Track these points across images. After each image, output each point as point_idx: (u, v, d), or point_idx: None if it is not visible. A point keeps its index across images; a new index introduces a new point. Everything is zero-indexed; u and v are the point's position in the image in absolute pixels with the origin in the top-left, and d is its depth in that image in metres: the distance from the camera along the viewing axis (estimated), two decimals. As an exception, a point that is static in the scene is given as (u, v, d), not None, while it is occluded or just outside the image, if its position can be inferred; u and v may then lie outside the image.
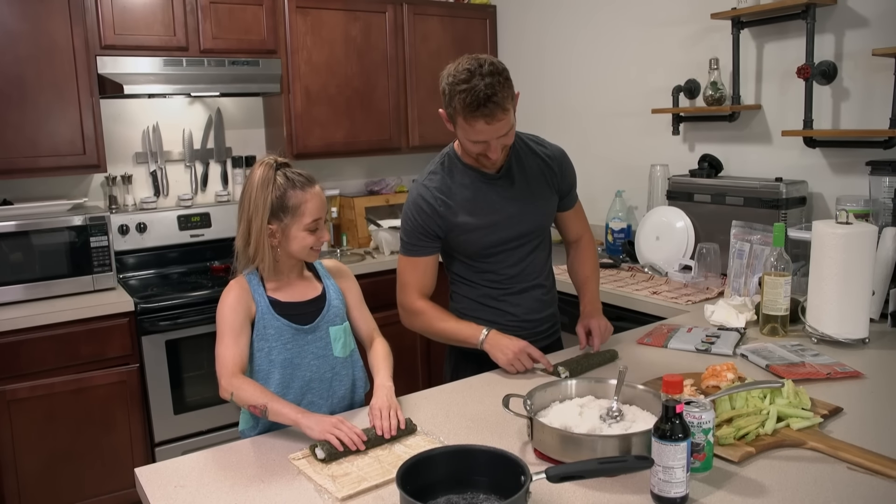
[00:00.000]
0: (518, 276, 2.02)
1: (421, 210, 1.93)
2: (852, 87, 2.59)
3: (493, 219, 1.95)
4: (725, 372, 1.68)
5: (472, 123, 1.75)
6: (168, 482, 1.37)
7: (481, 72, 1.71)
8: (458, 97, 1.72)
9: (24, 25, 2.84)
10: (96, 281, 2.97)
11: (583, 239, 2.19)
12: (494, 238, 1.97)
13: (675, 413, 1.19)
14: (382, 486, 1.30)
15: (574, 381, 1.55)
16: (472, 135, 1.78)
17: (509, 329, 1.97)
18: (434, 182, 1.95)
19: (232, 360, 1.63)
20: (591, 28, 3.59)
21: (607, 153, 3.59)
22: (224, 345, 1.65)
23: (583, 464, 1.18)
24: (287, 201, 1.65)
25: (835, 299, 1.98)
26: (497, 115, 1.73)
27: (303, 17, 3.47)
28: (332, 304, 1.77)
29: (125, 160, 3.44)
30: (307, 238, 1.68)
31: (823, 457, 1.36)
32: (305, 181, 1.68)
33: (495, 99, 1.70)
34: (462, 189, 1.94)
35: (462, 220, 1.93)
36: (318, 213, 1.69)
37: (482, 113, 1.71)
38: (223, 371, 1.62)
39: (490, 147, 1.80)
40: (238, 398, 1.59)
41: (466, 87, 1.70)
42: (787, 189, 2.63)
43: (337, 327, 1.77)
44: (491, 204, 1.95)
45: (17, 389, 2.68)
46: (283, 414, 1.53)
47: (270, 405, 1.54)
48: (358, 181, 4.11)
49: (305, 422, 1.48)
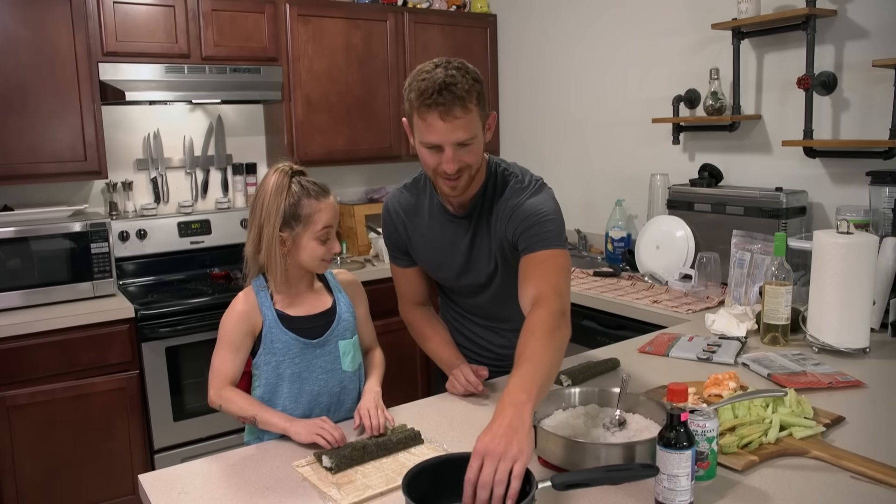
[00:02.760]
0: (482, 314, 1.92)
1: (386, 222, 1.89)
2: (852, 97, 2.61)
3: (444, 259, 1.83)
4: (727, 381, 1.68)
5: (425, 116, 1.51)
6: (172, 489, 1.37)
7: (447, 65, 1.53)
8: (415, 86, 1.53)
9: (27, 32, 2.84)
10: (96, 287, 2.97)
11: (539, 303, 1.51)
12: (445, 276, 1.88)
13: (679, 421, 1.19)
14: (387, 493, 1.30)
15: (577, 389, 1.55)
16: (426, 134, 1.54)
17: (482, 357, 1.94)
18: (402, 198, 1.86)
19: (224, 373, 1.65)
20: (592, 37, 3.61)
21: (607, 162, 3.60)
22: (220, 357, 1.66)
23: (589, 472, 1.18)
24: (300, 210, 1.62)
25: (836, 309, 1.99)
26: (454, 110, 1.50)
27: (304, 25, 3.49)
28: (342, 318, 1.74)
29: (126, 167, 3.44)
30: (318, 248, 1.65)
31: (827, 466, 1.36)
32: (320, 191, 1.66)
33: (454, 89, 1.49)
34: (427, 217, 1.82)
35: (416, 247, 1.86)
36: (330, 223, 1.66)
37: (436, 102, 1.49)
38: (214, 382, 1.65)
39: (446, 158, 1.55)
40: (227, 410, 1.62)
41: (426, 76, 1.52)
42: (787, 199, 2.64)
43: (346, 341, 1.75)
44: (446, 243, 1.81)
45: (16, 396, 2.67)
46: (272, 423, 1.56)
47: (259, 415, 1.58)
48: (358, 189, 4.12)
49: (293, 429, 1.52)
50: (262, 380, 1.69)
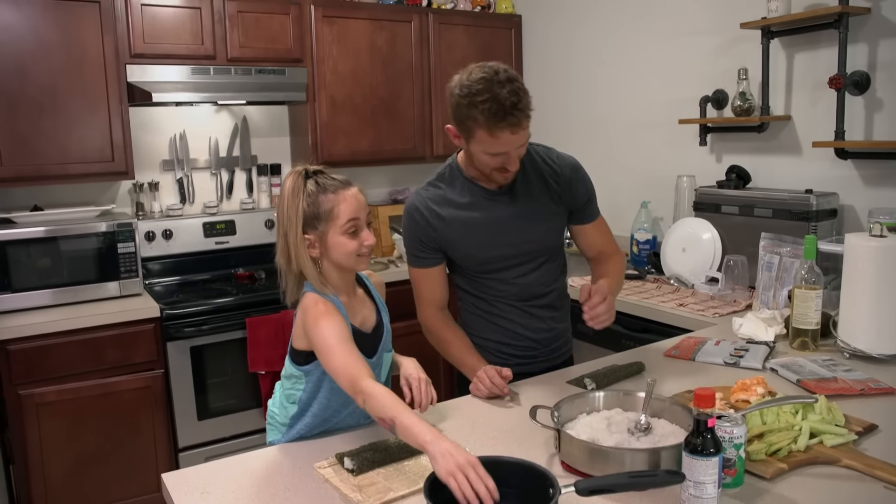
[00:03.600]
0: (521, 294, 1.95)
1: (415, 221, 1.90)
2: (886, 97, 2.55)
3: (491, 235, 1.88)
4: (755, 386, 1.65)
5: (497, 135, 1.67)
6: (194, 488, 1.37)
7: (498, 79, 1.65)
8: (480, 108, 1.64)
9: (58, 35, 2.89)
10: (123, 287, 3.01)
11: (606, 255, 2.03)
12: (491, 255, 1.91)
13: (706, 427, 1.16)
14: (408, 496, 1.29)
15: (602, 394, 1.53)
16: (495, 147, 1.70)
17: (515, 347, 1.96)
18: (430, 193, 1.90)
19: (354, 365, 1.44)
20: (618, 37, 3.57)
21: (633, 164, 3.57)
22: (336, 356, 1.46)
23: (613, 477, 1.16)
24: (319, 207, 1.55)
25: (868, 314, 1.94)
26: (522, 123, 1.67)
27: (329, 27, 3.50)
28: (387, 330, 1.70)
29: (152, 167, 3.48)
30: (348, 243, 1.56)
31: (858, 475, 1.33)
32: (339, 184, 1.59)
33: (520, 106, 1.65)
34: (460, 203, 1.88)
35: (456, 235, 1.88)
36: (356, 214, 1.57)
37: (508, 123, 1.65)
38: (348, 379, 1.42)
39: (510, 159, 1.74)
40: (369, 406, 1.38)
41: (488, 96, 1.63)
42: (817, 201, 2.59)
43: (388, 353, 1.71)
44: (488, 221, 1.88)
45: (45, 393, 2.71)
46: (412, 433, 1.26)
47: (399, 419, 1.30)
48: (382, 190, 4.12)
49: (432, 450, 1.20)
50: (309, 384, 1.61)
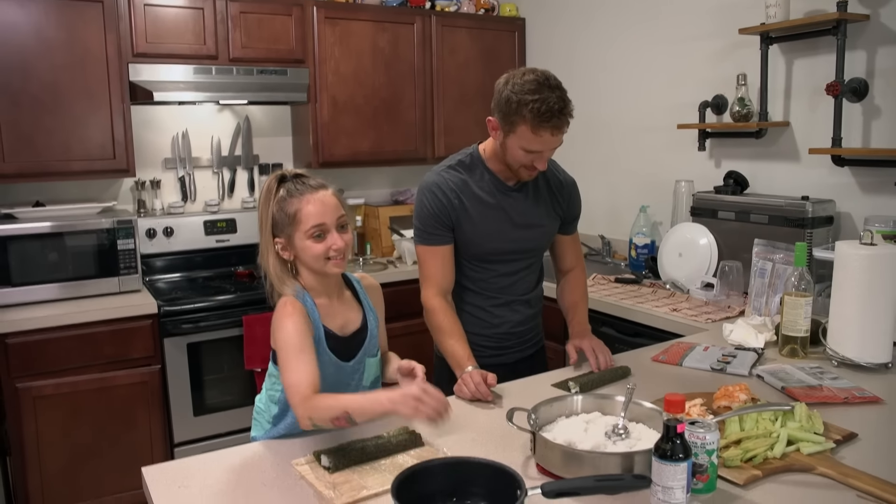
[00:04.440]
0: (507, 290, 2.09)
1: (436, 197, 1.98)
2: (884, 104, 2.54)
3: (499, 227, 2.01)
4: (738, 393, 1.65)
5: (540, 133, 1.81)
6: (172, 482, 1.39)
7: (549, 84, 1.81)
8: (530, 106, 1.78)
9: (61, 34, 2.92)
10: (122, 283, 3.04)
11: (575, 269, 2.24)
12: (494, 247, 2.03)
13: (676, 433, 1.17)
14: (382, 494, 1.30)
15: (581, 397, 1.54)
16: (534, 144, 1.84)
17: (488, 338, 2.08)
18: (451, 175, 2.01)
19: (304, 383, 1.47)
20: (620, 42, 3.57)
21: (633, 167, 3.56)
22: (292, 369, 1.50)
23: (579, 480, 1.17)
24: (285, 210, 1.56)
25: (857, 322, 1.93)
26: (563, 127, 1.84)
27: (331, 28, 3.52)
28: (371, 334, 1.71)
29: (154, 165, 3.51)
30: (314, 247, 1.56)
31: (833, 483, 1.32)
32: (307, 187, 1.58)
33: (565, 111, 1.82)
34: (478, 190, 2.00)
35: (469, 220, 1.99)
36: (320, 219, 1.56)
37: (553, 124, 1.80)
38: (297, 399, 1.46)
39: (541, 158, 1.88)
40: (319, 420, 1.44)
41: (539, 97, 1.78)
42: (813, 208, 2.58)
43: (373, 359, 1.72)
44: (500, 213, 2.01)
45: (42, 386, 2.74)
46: (369, 410, 1.41)
47: (349, 407, 1.41)
48: (383, 191, 4.13)
49: (393, 407, 1.38)
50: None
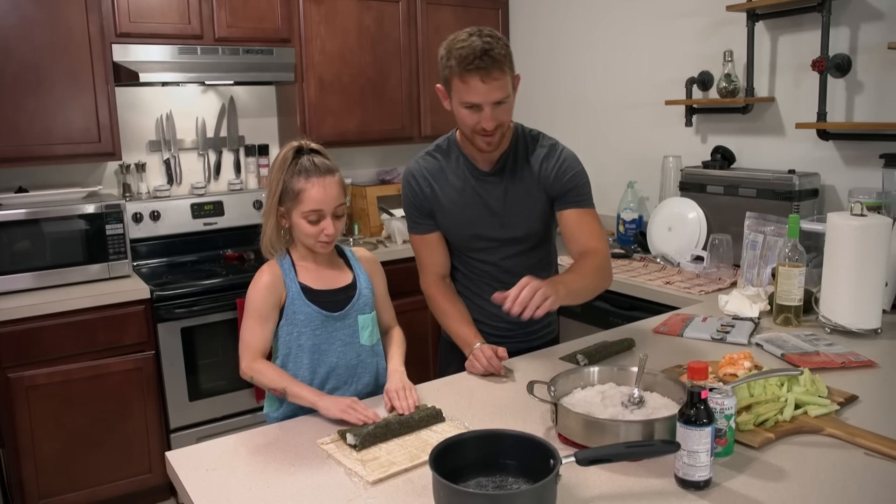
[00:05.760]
0: (503, 277, 1.95)
1: (410, 187, 1.97)
2: (866, 80, 2.60)
3: (474, 215, 1.93)
4: (742, 360, 1.70)
5: (467, 80, 1.70)
6: (199, 465, 1.39)
7: (480, 33, 1.71)
8: (455, 54, 1.70)
9: (41, 13, 2.85)
10: (111, 269, 3.00)
11: (588, 254, 1.86)
12: (472, 234, 1.96)
13: (700, 399, 1.21)
14: (412, 469, 1.33)
15: (596, 368, 1.58)
16: (467, 94, 1.72)
17: (489, 327, 1.99)
18: (426, 163, 1.97)
19: (255, 345, 1.68)
20: (605, 18, 3.59)
21: (620, 144, 3.60)
22: (249, 328, 1.69)
23: (611, 447, 1.21)
24: (291, 185, 1.65)
25: (848, 290, 2.00)
26: (493, 72, 1.68)
27: (317, 6, 3.48)
28: (362, 293, 1.78)
29: (139, 148, 3.46)
30: (307, 228, 1.66)
31: (841, 443, 1.38)
32: (314, 169, 1.65)
33: (492, 53, 1.68)
34: (452, 177, 1.94)
35: (443, 208, 1.95)
36: (319, 205, 1.64)
37: (477, 66, 1.67)
38: (245, 354, 1.68)
39: (484, 115, 1.74)
40: (258, 382, 1.67)
41: (464, 44, 1.70)
42: (799, 181, 2.65)
43: (365, 316, 1.79)
44: (475, 200, 1.93)
45: (34, 376, 2.71)
46: (301, 396, 1.60)
47: (289, 388, 1.62)
48: (370, 170, 4.13)
49: (322, 403, 1.56)
50: (281, 350, 1.74)
